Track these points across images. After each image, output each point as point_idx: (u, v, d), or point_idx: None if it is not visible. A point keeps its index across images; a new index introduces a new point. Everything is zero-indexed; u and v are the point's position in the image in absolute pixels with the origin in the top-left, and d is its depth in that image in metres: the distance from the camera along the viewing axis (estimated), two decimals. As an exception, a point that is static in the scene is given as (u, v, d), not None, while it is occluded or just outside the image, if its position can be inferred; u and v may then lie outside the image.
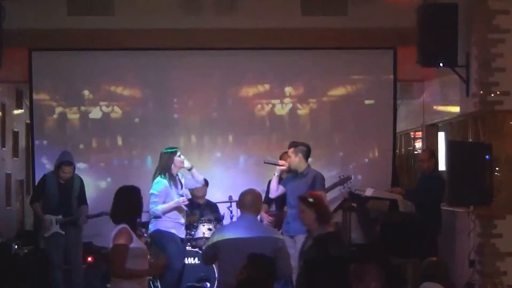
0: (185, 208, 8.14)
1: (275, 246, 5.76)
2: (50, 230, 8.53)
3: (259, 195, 6.17)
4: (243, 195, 6.09)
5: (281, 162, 8.22)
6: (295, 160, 8.08)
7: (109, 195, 5.78)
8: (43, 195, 8.65)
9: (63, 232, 8.50)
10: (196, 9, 9.55)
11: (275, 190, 8.17)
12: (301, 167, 8.06)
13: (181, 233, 8.14)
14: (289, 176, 8.19)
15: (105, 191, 9.31)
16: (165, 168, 8.03)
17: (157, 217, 7.97)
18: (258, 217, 6.76)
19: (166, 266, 6.60)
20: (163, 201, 7.93)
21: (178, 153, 8.10)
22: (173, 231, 8.01)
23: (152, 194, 7.93)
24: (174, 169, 8.08)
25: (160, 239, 8.02)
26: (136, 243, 5.49)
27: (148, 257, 5.94)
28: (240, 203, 6.07)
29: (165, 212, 7.94)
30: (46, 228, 8.54)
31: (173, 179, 8.04)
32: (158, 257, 7.36)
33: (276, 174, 8.14)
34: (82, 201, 8.72)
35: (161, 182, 7.97)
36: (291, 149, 8.13)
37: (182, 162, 8.11)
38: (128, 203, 5.58)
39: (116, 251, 5.43)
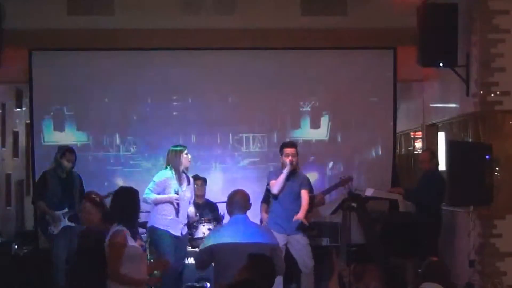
0: (176, 206, 8.09)
1: (272, 247, 5.91)
2: (60, 225, 8.49)
3: (247, 194, 6.26)
4: (234, 195, 6.14)
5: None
6: (296, 159, 8.10)
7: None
8: (46, 192, 8.62)
9: (73, 224, 8.46)
10: (196, 9, 9.56)
11: (280, 187, 8.05)
12: (298, 167, 8.09)
13: (177, 231, 8.10)
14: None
15: (104, 190, 9.27)
16: (172, 165, 8.14)
17: (150, 204, 8.02)
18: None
19: (166, 265, 6.53)
20: (160, 191, 8.02)
21: (185, 151, 8.20)
22: (167, 228, 8.02)
23: (152, 181, 8.10)
24: (180, 167, 8.17)
25: (153, 236, 8.06)
26: (132, 245, 5.42)
27: (148, 258, 5.90)
28: (232, 204, 6.10)
29: (156, 203, 7.99)
30: (56, 223, 8.50)
31: (178, 174, 8.10)
32: (159, 258, 7.34)
33: (286, 171, 8.03)
34: (82, 197, 8.66)
35: (164, 173, 8.12)
36: (293, 149, 8.13)
37: (189, 161, 8.23)
38: (123, 204, 5.56)
39: (111, 251, 5.35)
